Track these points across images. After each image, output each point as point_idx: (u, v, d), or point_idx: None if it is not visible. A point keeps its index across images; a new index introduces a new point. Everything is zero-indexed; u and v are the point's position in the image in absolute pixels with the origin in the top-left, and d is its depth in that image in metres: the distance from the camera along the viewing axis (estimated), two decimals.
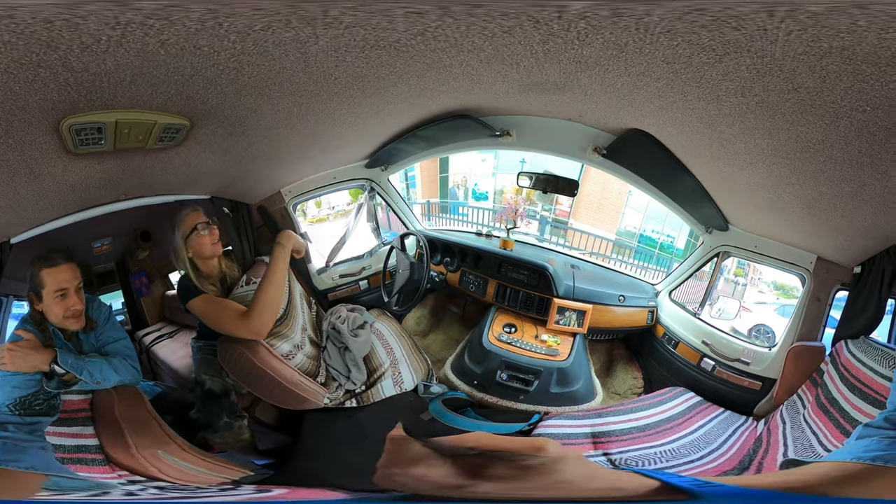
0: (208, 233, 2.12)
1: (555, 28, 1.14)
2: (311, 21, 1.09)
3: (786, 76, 1.12)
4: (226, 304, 2.07)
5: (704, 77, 1.26)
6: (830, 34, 0.93)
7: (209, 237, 2.13)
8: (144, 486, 1.68)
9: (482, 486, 0.61)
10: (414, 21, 1.11)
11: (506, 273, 2.98)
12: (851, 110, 1.18)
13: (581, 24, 1.10)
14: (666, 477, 0.65)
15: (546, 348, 2.65)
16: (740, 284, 7.04)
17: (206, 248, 2.13)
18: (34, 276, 1.77)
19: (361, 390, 2.45)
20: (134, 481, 1.70)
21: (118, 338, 1.96)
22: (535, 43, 1.26)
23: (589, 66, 1.40)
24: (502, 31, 1.18)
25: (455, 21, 1.11)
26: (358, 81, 1.57)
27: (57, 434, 1.73)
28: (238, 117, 1.69)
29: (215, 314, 2.03)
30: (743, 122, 1.46)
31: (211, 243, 2.14)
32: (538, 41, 1.24)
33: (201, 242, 2.11)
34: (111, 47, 1.07)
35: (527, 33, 1.19)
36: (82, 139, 1.41)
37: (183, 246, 2.09)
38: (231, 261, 2.35)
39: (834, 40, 0.95)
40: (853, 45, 0.95)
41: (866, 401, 1.72)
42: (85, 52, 1.07)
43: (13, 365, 1.69)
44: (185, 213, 2.13)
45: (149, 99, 1.37)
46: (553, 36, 1.19)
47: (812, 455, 1.73)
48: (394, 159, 2.91)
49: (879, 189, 1.51)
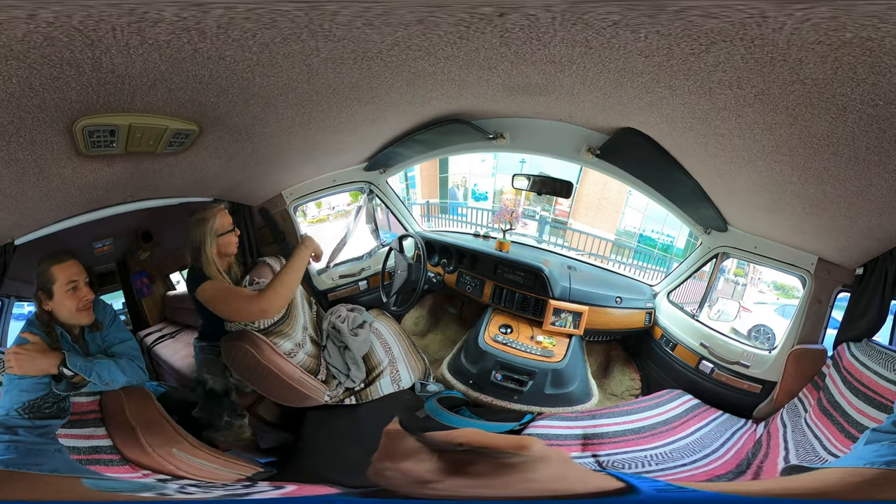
0: (236, 235, 2.24)
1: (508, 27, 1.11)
2: (314, 34, 1.11)
3: (791, 66, 1.05)
4: (235, 287, 2.19)
5: (692, 69, 1.21)
6: (857, 25, 0.88)
7: (236, 241, 2.25)
8: (181, 484, 1.67)
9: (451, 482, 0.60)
10: (382, 32, 1.13)
11: (502, 274, 2.98)
12: (862, 104, 1.12)
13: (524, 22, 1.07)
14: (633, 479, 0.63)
15: (541, 349, 2.64)
16: (740, 284, 7.03)
17: (232, 247, 2.23)
18: (43, 274, 1.77)
19: (360, 388, 2.48)
20: (165, 479, 1.70)
21: (124, 339, 1.96)
22: (496, 45, 1.24)
23: (564, 66, 1.37)
24: (459, 38, 1.18)
25: (417, 30, 1.12)
26: (354, 91, 1.60)
27: (69, 436, 1.72)
28: (244, 124, 1.71)
29: (225, 296, 2.09)
30: (740, 116, 1.41)
31: (235, 245, 2.26)
32: (497, 44, 1.22)
33: (230, 242, 2.21)
34: (146, 50, 1.07)
35: (485, 37, 1.17)
36: (94, 141, 1.41)
37: (214, 242, 2.15)
38: (235, 261, 2.39)
39: (862, 30, 0.89)
40: (882, 37, 0.89)
41: (871, 404, 1.69)
42: (120, 53, 1.06)
43: (21, 368, 1.66)
44: (217, 210, 2.18)
45: (164, 104, 1.38)
46: (510, 37, 1.17)
47: (815, 459, 1.70)
48: (392, 162, 2.92)
49: (885, 188, 1.45)
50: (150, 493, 1.46)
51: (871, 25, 0.88)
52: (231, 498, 1.39)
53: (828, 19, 0.89)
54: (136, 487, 1.57)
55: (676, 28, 1.02)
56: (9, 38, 0.93)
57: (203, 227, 2.14)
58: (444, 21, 1.08)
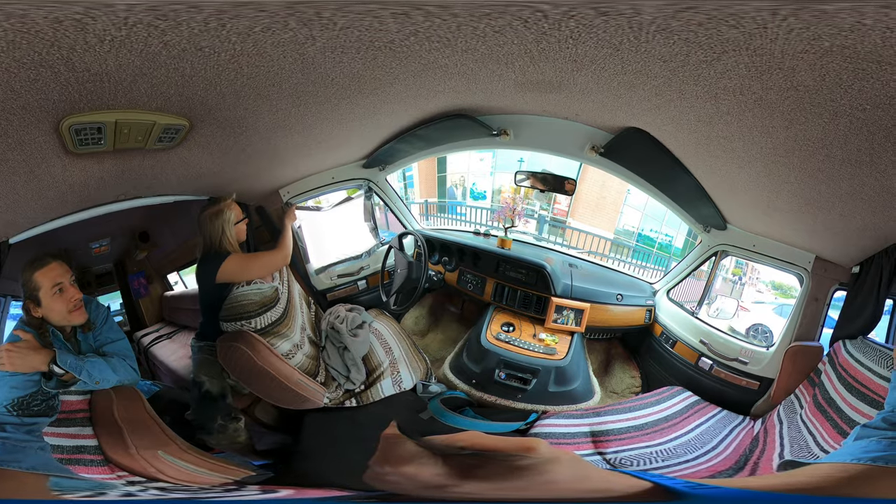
0: (245, 223, 2.40)
1: (546, 27, 1.13)
2: (307, 23, 1.10)
3: (785, 74, 1.11)
4: (255, 254, 2.52)
5: (702, 75, 1.25)
6: (833, 32, 0.92)
7: (245, 227, 2.40)
8: (145, 486, 1.67)
9: (469, 485, 0.60)
10: (403, 22, 1.12)
11: (504, 272, 2.97)
12: (851, 109, 1.17)
13: (570, 23, 1.09)
14: (657, 479, 0.65)
15: (544, 347, 2.65)
16: (738, 283, 7.04)
17: (243, 235, 2.38)
18: (28, 282, 1.76)
19: (361, 390, 2.45)
20: (133, 482, 1.69)
21: (116, 338, 1.95)
22: (529, 42, 1.25)
23: (584, 65, 1.40)
24: (493, 31, 1.18)
25: (444, 21, 1.12)
26: (355, 82, 1.58)
27: (55, 435, 1.72)
28: (237, 118, 1.69)
29: (252, 259, 2.40)
30: (741, 120, 1.46)
31: (245, 234, 2.41)
32: (531, 40, 1.24)
33: (242, 230, 2.36)
34: (114, 47, 1.07)
35: (518, 33, 1.19)
36: (82, 139, 1.42)
37: (232, 229, 2.28)
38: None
39: (836, 38, 0.94)
40: (855, 44, 0.94)
41: (864, 401, 1.72)
42: (88, 52, 1.07)
43: (12, 365, 1.67)
44: (230, 202, 2.30)
45: (148, 99, 1.38)
46: (545, 35, 1.19)
47: (809, 455, 1.73)
48: (391, 159, 2.91)
49: (878, 188, 1.50)
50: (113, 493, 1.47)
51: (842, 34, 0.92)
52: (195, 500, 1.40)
53: (804, 28, 0.93)
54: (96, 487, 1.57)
55: (700, 36, 1.06)
56: None
57: (220, 218, 2.24)
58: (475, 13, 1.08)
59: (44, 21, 0.94)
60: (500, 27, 1.15)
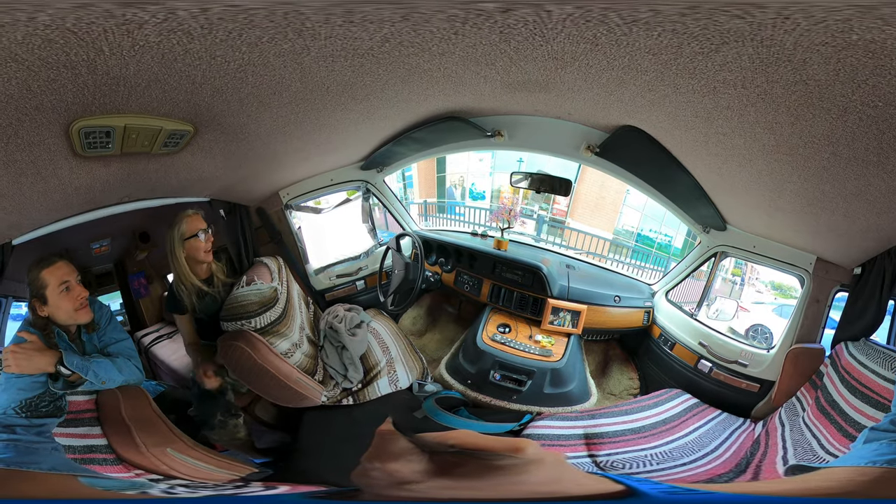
0: (205, 240, 2.20)
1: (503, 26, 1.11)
2: (301, 33, 1.11)
3: (795, 67, 1.05)
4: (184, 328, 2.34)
5: (699, 68, 1.21)
6: (873, 26, 0.87)
7: (204, 245, 2.21)
8: (171, 484, 1.67)
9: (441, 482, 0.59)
10: (372, 29, 1.12)
11: (500, 273, 2.97)
12: (862, 105, 1.12)
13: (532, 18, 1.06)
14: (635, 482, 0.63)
15: (539, 349, 2.64)
16: (738, 284, 7.05)
17: (200, 254, 2.20)
18: (35, 280, 1.76)
19: (358, 388, 2.47)
20: (156, 479, 1.70)
21: (120, 338, 1.96)
22: (496, 42, 1.23)
23: (566, 62, 1.37)
24: (454, 34, 1.18)
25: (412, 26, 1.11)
26: (348, 89, 1.60)
27: (65, 435, 1.72)
28: (239, 124, 1.71)
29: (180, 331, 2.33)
30: (742, 115, 1.41)
31: (204, 251, 2.21)
32: (497, 40, 1.22)
33: (197, 247, 2.19)
34: (138, 52, 1.07)
35: (482, 33, 1.16)
36: (90, 142, 1.41)
37: (181, 247, 2.15)
38: (218, 262, 2.37)
39: (867, 32, 0.89)
40: (885, 39, 0.90)
41: (868, 403, 1.70)
42: (113, 55, 1.06)
43: (18, 367, 1.66)
44: (187, 215, 2.17)
45: (159, 105, 1.39)
46: (511, 33, 1.16)
47: (813, 459, 1.71)
48: (389, 161, 2.91)
49: (884, 188, 1.46)
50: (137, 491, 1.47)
51: (877, 28, 0.88)
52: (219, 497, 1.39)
53: (841, 21, 0.88)
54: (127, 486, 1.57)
55: (692, 27, 1.02)
56: (9, 41, 0.92)
57: (172, 232, 2.14)
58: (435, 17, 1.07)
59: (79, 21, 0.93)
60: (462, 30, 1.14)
